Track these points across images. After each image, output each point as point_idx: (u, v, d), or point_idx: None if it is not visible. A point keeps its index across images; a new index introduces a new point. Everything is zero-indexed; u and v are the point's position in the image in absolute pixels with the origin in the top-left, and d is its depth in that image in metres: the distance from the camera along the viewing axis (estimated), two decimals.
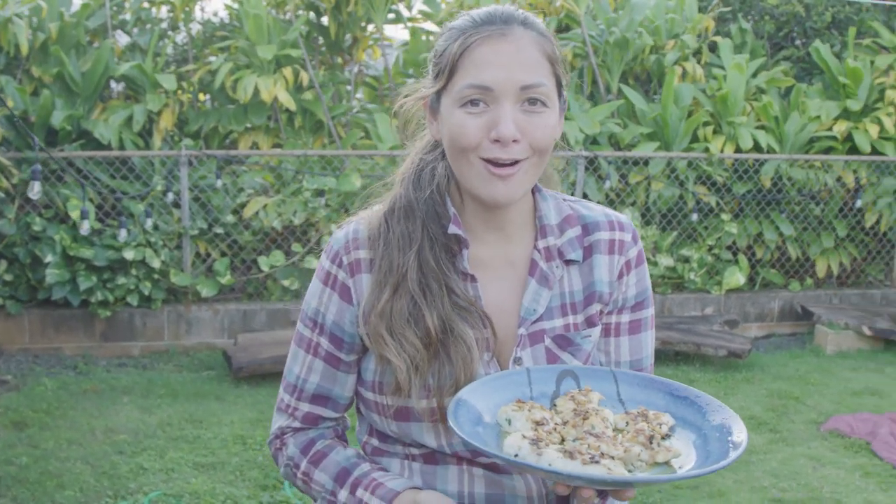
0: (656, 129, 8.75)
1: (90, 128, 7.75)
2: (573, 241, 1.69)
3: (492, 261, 1.68)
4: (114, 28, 8.65)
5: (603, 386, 1.60)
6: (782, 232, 8.92)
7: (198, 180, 7.85)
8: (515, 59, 1.51)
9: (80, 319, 7.60)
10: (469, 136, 1.52)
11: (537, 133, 1.53)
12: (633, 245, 1.72)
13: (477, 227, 1.67)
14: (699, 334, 7.73)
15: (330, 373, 1.72)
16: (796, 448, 5.73)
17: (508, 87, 1.50)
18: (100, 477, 5.01)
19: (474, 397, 1.51)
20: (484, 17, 1.56)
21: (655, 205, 8.70)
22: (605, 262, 1.69)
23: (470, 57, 1.52)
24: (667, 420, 1.52)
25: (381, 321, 1.59)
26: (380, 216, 1.68)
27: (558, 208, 1.72)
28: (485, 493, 1.62)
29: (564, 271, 1.68)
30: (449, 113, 1.56)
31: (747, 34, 9.74)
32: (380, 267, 1.63)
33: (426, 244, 1.62)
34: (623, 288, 1.71)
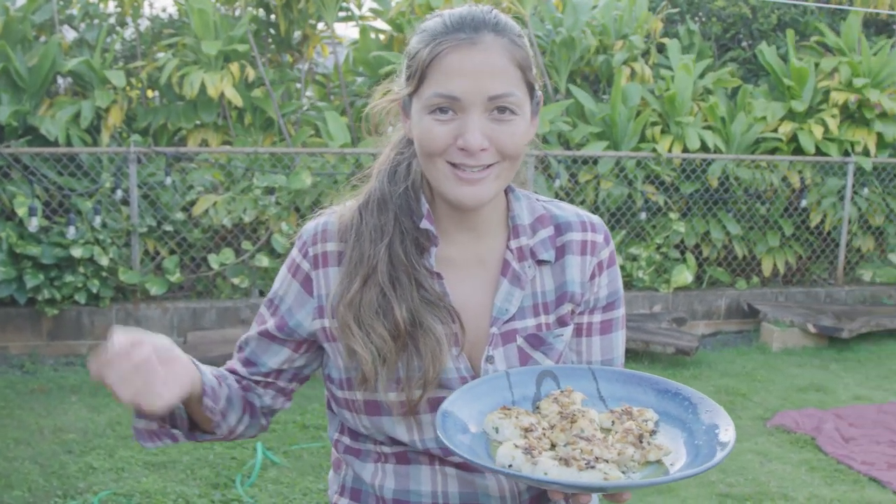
0: (605, 129, 8.82)
1: (37, 124, 7.66)
2: (546, 242, 1.70)
3: (462, 260, 1.69)
4: (61, 23, 8.55)
5: (583, 384, 1.62)
6: (729, 231, 9.04)
7: (147, 177, 7.79)
8: (484, 69, 1.52)
9: (27, 318, 7.51)
10: (436, 143, 1.54)
11: (505, 141, 1.54)
12: (605, 246, 1.74)
13: (448, 226, 1.68)
14: (648, 332, 7.81)
15: (263, 344, 1.77)
16: (743, 444, 5.82)
17: (476, 98, 1.51)
18: (49, 476, 4.96)
19: (457, 407, 1.52)
20: (455, 21, 1.55)
21: (604, 203, 8.78)
22: (578, 262, 1.72)
23: (439, 65, 1.53)
24: (651, 416, 1.54)
25: (350, 311, 1.60)
26: (353, 209, 1.69)
27: (531, 208, 1.73)
28: (458, 492, 1.64)
29: (537, 271, 1.70)
30: (418, 117, 1.57)
31: (695, 35, 9.85)
32: (350, 258, 1.64)
33: (397, 237, 1.63)
34: (595, 288, 1.73)
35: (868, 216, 9.47)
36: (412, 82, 1.57)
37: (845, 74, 9.21)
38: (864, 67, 9.25)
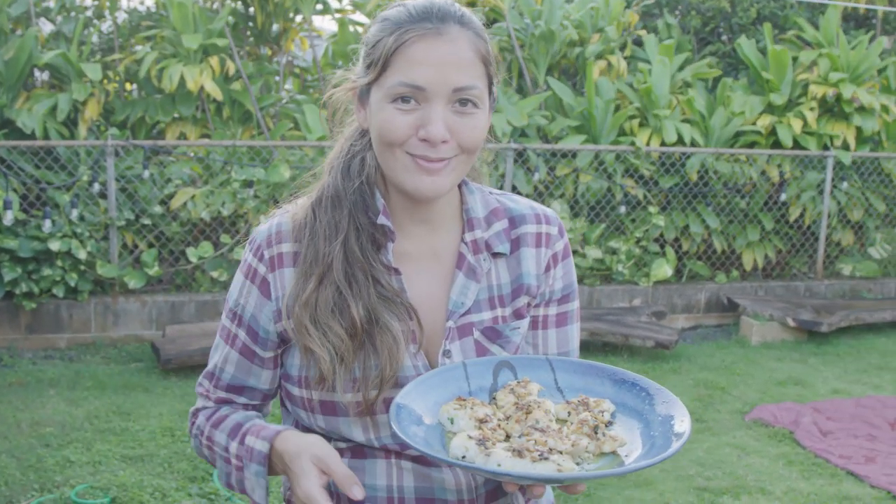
0: (584, 122, 8.83)
1: (13, 117, 7.62)
2: (500, 234, 1.69)
3: (417, 254, 1.68)
4: (37, 15, 8.50)
5: (540, 375, 1.61)
6: (708, 225, 9.07)
7: (124, 171, 7.75)
8: (449, 60, 1.50)
9: (5, 311, 7.46)
10: (397, 132, 1.52)
11: (467, 134, 1.53)
12: (560, 238, 1.74)
13: (403, 220, 1.67)
14: (627, 325, 7.82)
15: (245, 365, 1.71)
16: (722, 437, 5.83)
17: (441, 88, 1.50)
18: (26, 470, 4.94)
19: (411, 399, 1.50)
20: (420, 11, 1.53)
21: (584, 197, 8.78)
22: (533, 254, 1.71)
23: (404, 54, 1.50)
24: (607, 406, 1.53)
25: (305, 311, 1.58)
26: (306, 208, 1.67)
27: (485, 201, 1.72)
28: (414, 485, 1.62)
29: (492, 264, 1.69)
30: (379, 107, 1.54)
31: (673, 29, 9.88)
32: (305, 256, 1.62)
33: (352, 234, 1.61)
34: (550, 281, 1.73)
35: (847, 210, 9.50)
36: (373, 70, 1.55)
37: (824, 68, 9.24)
38: (843, 61, 9.29)
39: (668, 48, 9.14)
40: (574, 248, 8.72)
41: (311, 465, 1.49)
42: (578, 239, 8.67)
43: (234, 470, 1.64)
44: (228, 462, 1.65)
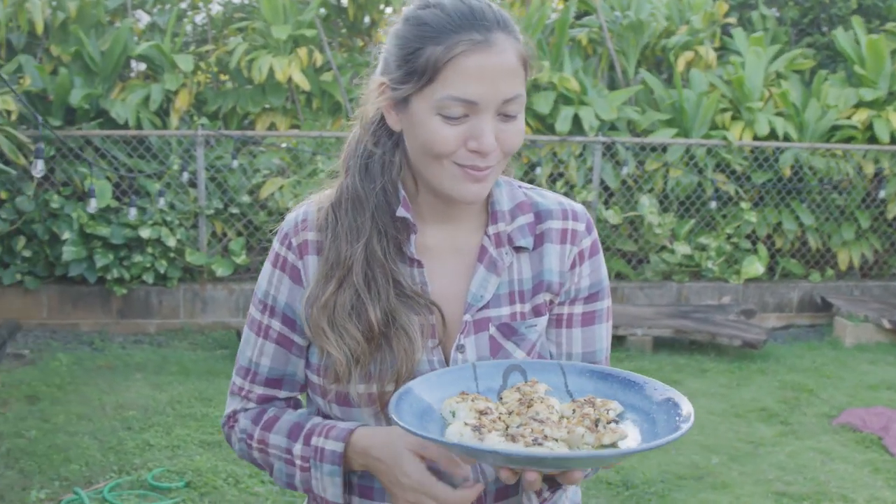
0: (674, 116, 8.69)
1: (108, 107, 7.79)
2: (524, 228, 1.65)
3: (440, 247, 1.66)
4: (134, 8, 8.68)
5: (550, 378, 1.57)
6: (803, 222, 8.85)
7: (214, 160, 7.89)
8: (500, 73, 1.48)
9: (97, 296, 7.67)
10: (447, 146, 1.49)
11: (511, 140, 1.52)
12: (587, 235, 1.68)
13: (427, 215, 1.64)
14: (714, 323, 7.68)
15: (282, 355, 1.70)
16: (806, 441, 5.67)
17: (492, 102, 1.48)
18: (106, 452, 5.05)
19: (419, 391, 1.49)
20: (461, 17, 1.48)
21: (673, 192, 8.65)
22: (557, 251, 1.66)
23: (455, 67, 1.46)
24: (615, 406, 1.48)
25: (323, 314, 1.57)
26: (327, 205, 1.65)
27: (511, 195, 1.68)
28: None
29: (514, 258, 1.65)
30: (424, 117, 1.50)
31: (769, 20, 9.65)
32: (327, 259, 1.61)
33: (374, 236, 1.59)
34: (576, 279, 1.68)
35: None
36: (418, 80, 1.50)
37: None
38: None
39: (759, 39, 8.93)
40: (662, 243, 8.61)
41: (408, 451, 1.50)
42: (667, 234, 8.55)
43: (298, 471, 1.63)
44: (291, 464, 1.63)
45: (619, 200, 8.64)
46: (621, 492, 4.82)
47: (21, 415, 5.60)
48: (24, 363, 6.71)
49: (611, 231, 8.67)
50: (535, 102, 8.21)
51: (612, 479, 4.93)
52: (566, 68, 8.55)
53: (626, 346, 7.52)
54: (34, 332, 7.51)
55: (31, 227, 7.47)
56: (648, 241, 8.64)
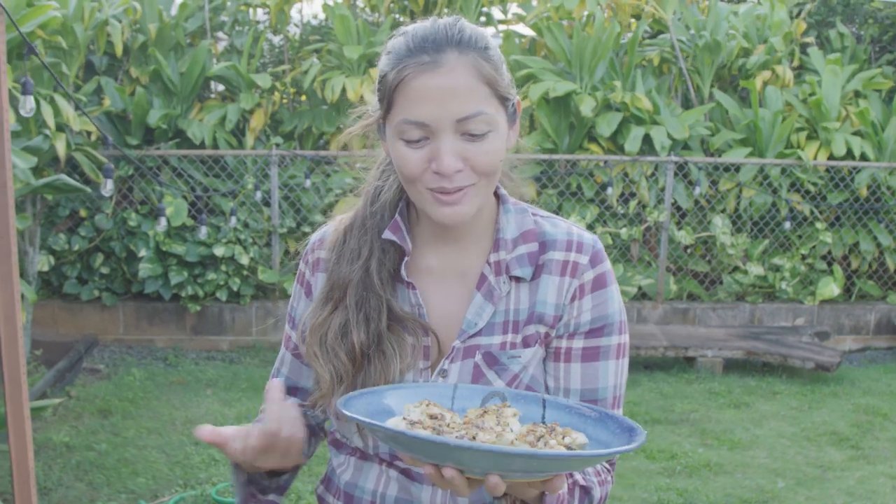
0: (749, 135, 8.60)
1: (185, 127, 7.97)
2: (523, 258, 1.63)
3: (442, 270, 1.67)
4: (213, 30, 8.87)
5: (528, 408, 1.51)
6: (880, 242, 8.67)
7: (287, 179, 8.01)
8: (449, 92, 1.47)
9: (172, 313, 7.83)
10: (411, 169, 1.50)
11: (479, 159, 1.50)
12: (590, 268, 1.64)
13: (429, 238, 1.67)
14: (786, 345, 7.57)
15: (297, 366, 1.76)
16: (877, 467, 5.56)
17: (444, 121, 1.47)
18: (173, 466, 5.16)
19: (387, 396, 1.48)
20: (417, 41, 1.50)
21: (747, 212, 8.55)
22: (555, 283, 1.63)
23: (404, 91, 1.49)
24: (577, 437, 1.39)
25: (317, 335, 1.61)
26: (340, 228, 1.70)
27: (520, 223, 1.67)
28: (395, 495, 1.63)
29: (512, 287, 1.64)
30: (392, 143, 1.53)
31: (847, 38, 9.50)
32: (329, 279, 1.65)
33: (374, 260, 1.62)
34: (575, 312, 1.63)
35: None
36: (382, 106, 1.55)
37: None
38: None
39: (837, 59, 8.80)
40: (735, 264, 8.51)
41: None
42: (740, 255, 8.45)
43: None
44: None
45: (691, 221, 8.58)
46: None
47: (93, 428, 5.74)
48: (99, 378, 6.88)
49: (683, 251, 8.60)
50: (600, 123, 8.19)
51: (674, 501, 4.89)
52: (638, 87, 8.51)
53: (697, 368, 7.44)
54: (110, 348, 7.70)
55: (109, 245, 7.67)
56: (721, 261, 8.55)
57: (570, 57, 8.53)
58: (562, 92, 8.06)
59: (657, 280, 8.41)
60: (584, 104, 8.00)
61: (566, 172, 8.45)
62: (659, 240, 8.49)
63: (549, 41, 8.64)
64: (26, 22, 5.66)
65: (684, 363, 7.59)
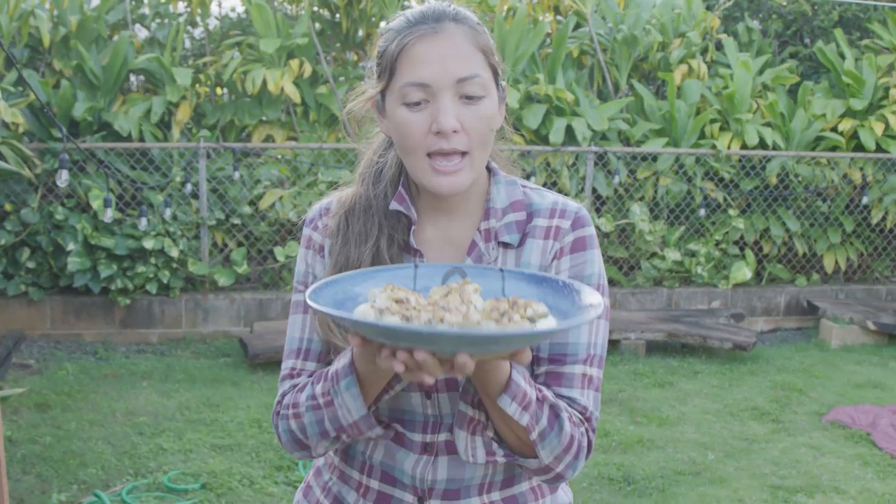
0: (665, 126, 8.89)
1: (111, 120, 7.93)
2: (511, 225, 1.72)
3: (435, 240, 1.75)
4: (133, 22, 8.83)
5: (488, 282, 1.55)
6: (789, 228, 9.06)
7: (215, 172, 8.03)
8: (449, 54, 1.59)
9: (101, 306, 7.79)
10: (413, 132, 1.60)
11: (475, 124, 1.60)
12: (570, 231, 1.71)
13: (426, 209, 1.75)
14: (705, 327, 7.88)
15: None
16: (798, 438, 5.87)
17: (445, 81, 1.58)
18: (121, 456, 5.19)
19: (350, 282, 1.51)
20: (417, 16, 1.63)
21: (664, 200, 8.85)
22: (539, 246, 1.71)
23: (406, 56, 1.60)
24: (538, 308, 1.39)
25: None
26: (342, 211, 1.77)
27: (509, 193, 1.75)
28: (381, 459, 1.73)
29: (500, 254, 1.72)
30: (393, 111, 1.64)
31: (754, 33, 9.88)
32: (336, 262, 1.71)
33: (383, 240, 1.71)
34: (553, 272, 1.70)
35: None
36: (383, 78, 1.65)
37: None
38: None
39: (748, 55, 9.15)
40: (653, 250, 8.79)
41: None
42: (658, 241, 8.73)
43: (324, 410, 1.64)
44: (318, 408, 1.65)
45: (611, 209, 8.83)
46: (623, 487, 4.99)
47: (33, 422, 5.72)
48: (30, 373, 6.82)
49: (603, 238, 8.86)
50: (526, 115, 8.39)
51: (614, 475, 5.11)
52: (558, 80, 8.73)
53: (621, 350, 7.70)
54: (38, 343, 7.63)
55: (36, 239, 7.59)
56: (640, 247, 8.83)
57: None
58: None
59: None
60: (509, 97, 8.17)
61: None
62: None
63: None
64: None
65: (609, 345, 7.81)
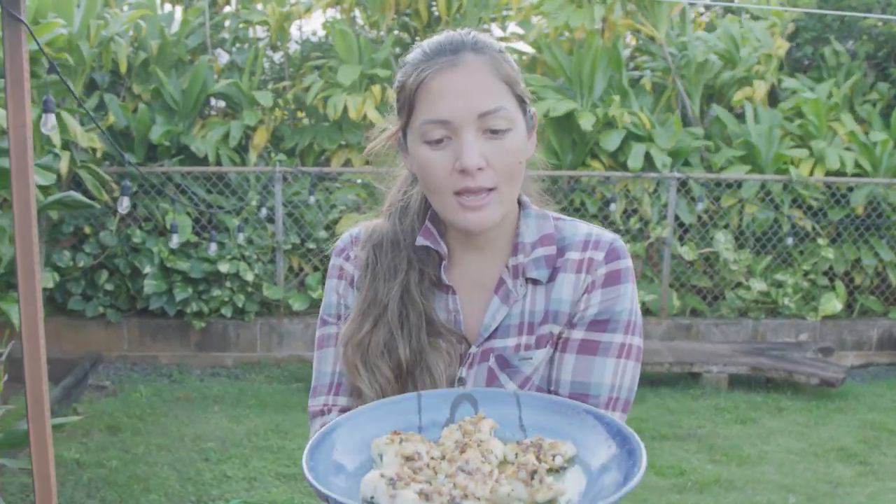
0: (748, 152, 8.63)
1: (188, 143, 7.96)
2: (539, 260, 1.63)
3: (464, 279, 1.67)
4: (213, 46, 8.88)
5: (504, 410, 1.44)
6: (882, 258, 8.70)
7: (291, 196, 8.01)
8: (469, 87, 1.50)
9: (177, 329, 7.81)
10: (436, 172, 1.52)
11: (501, 159, 1.51)
12: (604, 264, 1.61)
13: (455, 247, 1.67)
14: (791, 361, 7.58)
15: None
16: (887, 483, 5.56)
17: (466, 117, 1.49)
18: (185, 482, 5.14)
19: (352, 428, 1.38)
20: (435, 47, 1.54)
21: (749, 228, 8.58)
22: (571, 280, 1.62)
23: (425, 91, 1.51)
24: (566, 450, 1.32)
25: (357, 352, 1.60)
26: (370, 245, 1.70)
27: (540, 227, 1.67)
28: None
29: (529, 290, 1.64)
30: (415, 148, 1.55)
31: (842, 56, 9.56)
32: (364, 298, 1.64)
33: (412, 276, 1.63)
34: (583, 305, 1.61)
35: None
36: (403, 114, 1.57)
37: None
38: None
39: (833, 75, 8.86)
40: (738, 280, 8.53)
41: None
42: (743, 271, 8.47)
43: None
44: None
45: (694, 237, 8.60)
46: None
47: (103, 445, 5.72)
48: (105, 394, 6.85)
49: (686, 267, 8.62)
50: (604, 140, 8.23)
51: None
52: (633, 105, 8.56)
53: (702, 384, 7.45)
54: (115, 364, 7.67)
55: (114, 262, 7.65)
56: (724, 277, 8.57)
57: (569, 74, 8.56)
58: (563, 111, 8.11)
59: (660, 296, 8.42)
60: (584, 120, 8.03)
61: (569, 189, 8.47)
62: (662, 255, 8.51)
63: (548, 58, 8.67)
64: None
65: (689, 379, 7.59)
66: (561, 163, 8.44)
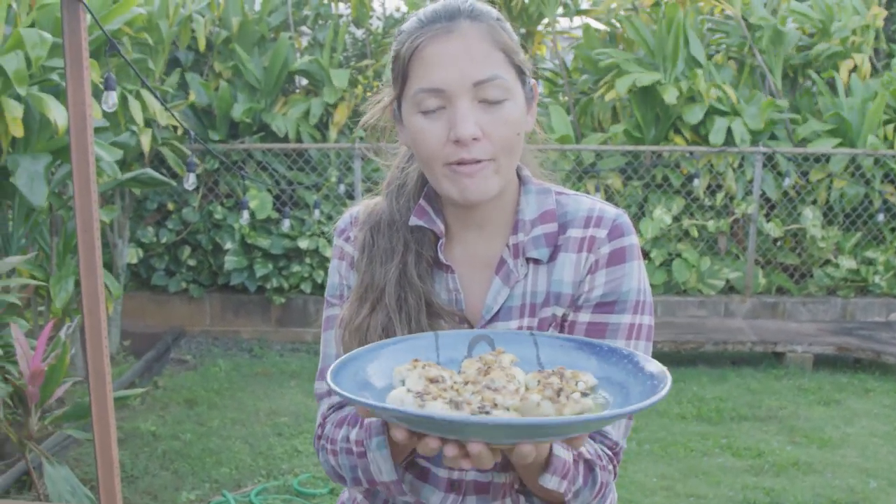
0: (838, 125, 8.37)
1: (269, 121, 8.03)
2: (539, 239, 1.57)
3: (467, 258, 1.62)
4: (296, 24, 8.92)
5: (521, 350, 1.42)
6: None
7: (371, 172, 8.03)
8: (464, 55, 1.44)
9: (258, 305, 7.91)
10: (430, 142, 1.46)
11: (498, 129, 1.45)
12: (607, 242, 1.55)
13: (454, 225, 1.62)
14: (880, 341, 7.36)
15: None
16: None
17: (461, 85, 1.43)
18: (256, 456, 5.21)
19: (372, 359, 1.37)
20: (430, 15, 1.48)
21: (838, 204, 8.34)
22: (573, 260, 1.56)
23: (418, 59, 1.46)
24: (587, 379, 1.31)
25: (356, 336, 1.56)
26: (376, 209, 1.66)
27: (541, 203, 1.60)
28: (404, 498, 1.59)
29: (530, 270, 1.58)
30: (409, 119, 1.50)
31: None
32: (362, 281, 1.60)
33: (410, 257, 1.58)
34: (587, 286, 1.55)
35: None
36: (397, 84, 1.51)
37: None
38: None
39: None
40: (826, 257, 8.31)
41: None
42: (831, 248, 8.25)
43: (357, 459, 1.51)
44: (352, 455, 1.53)
45: (780, 213, 8.39)
46: None
47: (179, 418, 5.83)
48: (186, 368, 6.98)
49: (772, 244, 8.43)
50: (686, 114, 8.06)
51: (761, 500, 4.78)
52: (716, 78, 8.36)
53: (786, 364, 7.27)
54: (197, 339, 7.81)
55: (196, 238, 7.78)
56: (812, 254, 8.36)
57: (652, 48, 8.40)
58: (647, 82, 7.95)
59: (745, 273, 8.25)
60: (668, 94, 7.88)
61: (652, 164, 8.33)
62: (747, 232, 8.32)
63: (629, 32, 8.52)
64: (112, 19, 5.73)
65: (773, 358, 7.43)
66: (644, 137, 8.30)
